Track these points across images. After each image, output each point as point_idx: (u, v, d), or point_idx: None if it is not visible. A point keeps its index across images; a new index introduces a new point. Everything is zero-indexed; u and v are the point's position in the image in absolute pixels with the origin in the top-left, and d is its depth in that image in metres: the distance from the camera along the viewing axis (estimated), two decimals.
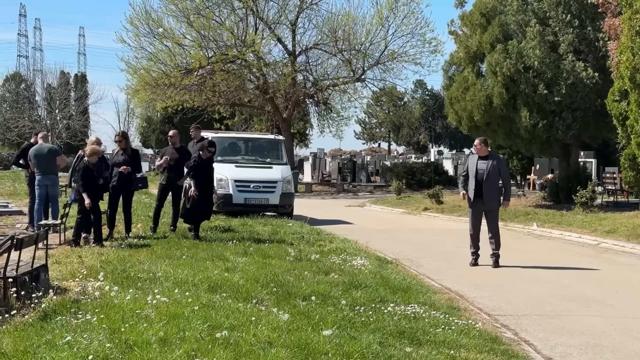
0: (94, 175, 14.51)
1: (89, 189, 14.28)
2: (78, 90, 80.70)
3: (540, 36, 25.69)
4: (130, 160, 15.72)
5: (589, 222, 22.07)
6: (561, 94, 25.34)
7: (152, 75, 39.72)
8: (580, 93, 25.45)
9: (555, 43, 26.07)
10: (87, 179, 14.32)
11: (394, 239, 19.43)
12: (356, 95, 45.83)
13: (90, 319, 7.75)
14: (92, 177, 14.45)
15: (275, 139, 25.31)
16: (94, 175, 14.53)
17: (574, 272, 14.40)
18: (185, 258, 12.45)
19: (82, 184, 14.30)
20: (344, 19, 41.78)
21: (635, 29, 20.23)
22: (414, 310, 9.20)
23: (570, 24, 25.71)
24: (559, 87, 25.38)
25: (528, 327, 9.49)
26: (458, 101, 29.01)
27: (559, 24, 25.96)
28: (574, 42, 25.77)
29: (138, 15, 39.46)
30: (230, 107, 45.26)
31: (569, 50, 25.70)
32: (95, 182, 14.51)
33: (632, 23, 20.34)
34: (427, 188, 35.68)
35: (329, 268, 12.15)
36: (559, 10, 25.92)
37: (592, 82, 25.10)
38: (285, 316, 8.23)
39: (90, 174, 14.41)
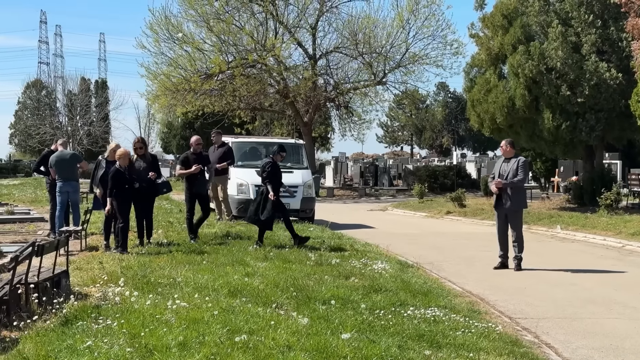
0: (125, 179, 14.49)
1: (117, 194, 14.29)
2: (99, 96, 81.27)
3: (563, 37, 25.62)
4: (152, 166, 15.77)
5: (614, 224, 22.00)
6: (584, 95, 25.26)
7: (172, 80, 39.97)
8: (603, 94, 25.36)
9: (578, 44, 26.00)
10: (117, 183, 14.31)
11: (416, 243, 19.47)
12: (377, 98, 45.90)
13: (110, 324, 7.86)
14: (124, 181, 14.45)
15: (296, 143, 25.40)
16: (126, 179, 14.51)
17: (597, 275, 14.39)
18: (205, 263, 12.55)
19: (110, 187, 14.32)
20: (364, 22, 41.88)
21: None
22: (433, 313, 9.25)
23: (592, 24, 25.63)
24: (582, 88, 25.30)
25: (549, 330, 9.52)
26: (480, 103, 28.98)
27: (581, 25, 25.89)
28: (597, 43, 25.69)
29: (158, 21, 39.80)
30: (250, 112, 45.43)
31: (592, 51, 25.62)
32: (127, 186, 14.52)
33: None
34: (450, 191, 35.68)
35: (350, 272, 12.20)
36: (582, 10, 25.85)
37: (615, 82, 25.01)
38: (305, 320, 8.31)
39: (121, 177, 14.40)
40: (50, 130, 68.09)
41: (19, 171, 66.74)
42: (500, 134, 29.12)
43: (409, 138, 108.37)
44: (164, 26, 39.88)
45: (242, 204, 21.69)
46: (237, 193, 21.88)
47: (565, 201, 29.71)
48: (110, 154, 15.69)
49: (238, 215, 21.87)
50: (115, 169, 14.51)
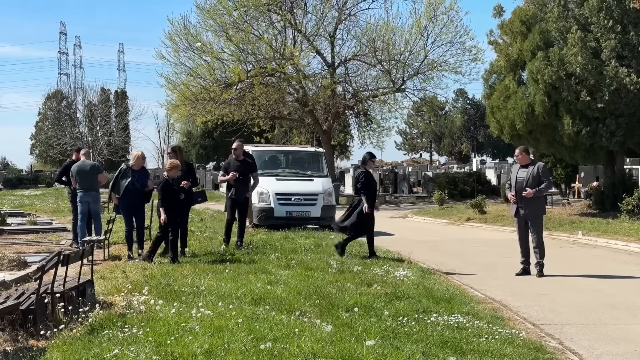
0: (174, 190, 14.55)
1: (167, 204, 14.32)
2: (118, 106, 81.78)
3: (582, 42, 25.56)
4: (187, 175, 15.70)
5: (636, 229, 21.91)
6: (604, 101, 25.18)
7: (191, 90, 40.21)
8: (624, 99, 25.26)
9: (598, 49, 25.92)
10: (167, 194, 14.37)
11: (437, 250, 19.47)
12: (396, 105, 45.94)
13: (136, 332, 7.92)
14: (172, 192, 14.49)
15: (316, 151, 25.48)
16: (175, 189, 14.57)
17: (620, 281, 14.34)
18: (228, 272, 12.62)
19: (161, 198, 14.37)
20: (382, 29, 41.94)
21: None
22: (457, 320, 9.26)
23: (612, 30, 25.55)
24: (602, 94, 25.22)
25: (573, 336, 9.50)
26: (499, 110, 28.94)
27: (600, 30, 25.82)
28: (617, 48, 25.61)
29: (177, 31, 40.06)
30: (269, 120, 45.56)
31: (612, 56, 25.55)
32: (176, 197, 14.55)
33: None
34: (470, 198, 35.62)
35: (372, 279, 12.24)
36: (601, 15, 25.78)
37: (636, 87, 24.90)
38: (329, 327, 8.35)
39: (170, 188, 14.45)
40: (71, 140, 68.55)
41: (40, 182, 67.17)
42: (520, 140, 29.04)
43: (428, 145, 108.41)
44: (183, 36, 40.14)
45: (263, 212, 21.80)
46: (258, 201, 21.96)
47: (587, 207, 29.59)
48: (136, 162, 15.68)
49: (259, 224, 21.98)
50: (165, 180, 14.58)
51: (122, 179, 15.32)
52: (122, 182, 15.26)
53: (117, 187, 15.31)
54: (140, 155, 15.98)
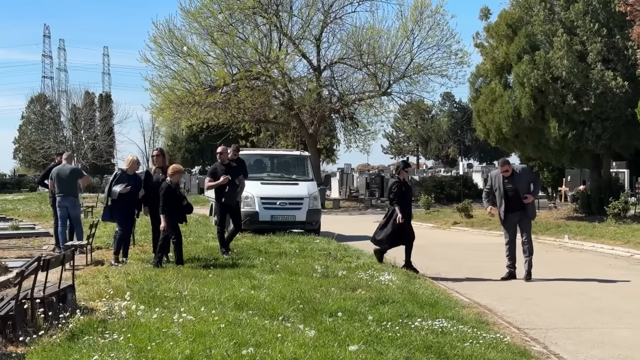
0: (176, 195, 14.45)
1: (170, 211, 14.20)
2: (103, 110, 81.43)
3: (568, 46, 25.67)
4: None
5: (622, 233, 21.98)
6: (590, 104, 25.28)
7: (176, 93, 40.14)
8: (610, 102, 25.36)
9: (584, 52, 26.02)
10: (169, 200, 14.24)
11: (423, 254, 19.40)
12: (382, 109, 46.06)
13: (117, 338, 7.87)
14: (175, 197, 14.39)
15: (301, 155, 25.45)
16: (177, 195, 14.49)
17: (605, 285, 14.38)
18: (211, 276, 12.56)
19: (162, 204, 14.22)
20: (368, 32, 42.00)
21: None
22: (441, 324, 9.24)
23: (598, 33, 25.65)
24: (588, 97, 25.32)
25: (558, 340, 9.51)
26: (485, 113, 29.02)
27: (586, 33, 25.91)
28: (603, 51, 25.72)
29: (161, 34, 39.99)
30: (255, 124, 45.60)
31: (598, 60, 25.65)
32: (179, 203, 14.45)
33: None
34: (457, 202, 35.66)
35: (356, 284, 12.21)
36: (587, 19, 25.88)
37: (621, 91, 25.00)
38: (312, 332, 8.32)
39: (172, 194, 14.33)
40: (55, 144, 68.21)
41: (23, 186, 66.88)
42: (507, 144, 29.23)
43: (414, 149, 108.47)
44: (168, 39, 40.08)
45: (247, 216, 21.72)
46: (243, 206, 21.85)
47: (573, 210, 29.68)
48: (131, 166, 15.46)
49: (244, 228, 21.92)
50: (167, 185, 14.39)
51: (117, 184, 15.12)
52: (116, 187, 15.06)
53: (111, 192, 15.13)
54: (135, 160, 15.80)
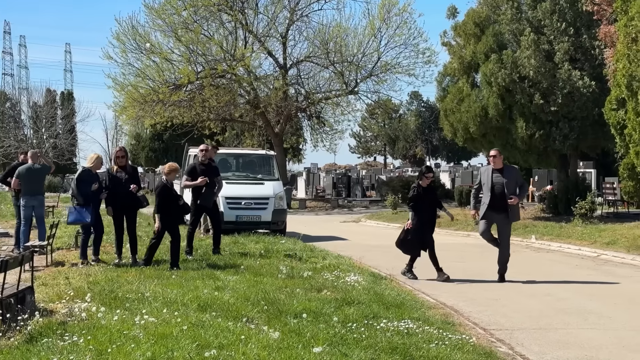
0: (172, 195, 14.31)
1: (164, 211, 14.08)
2: (65, 108, 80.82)
3: (535, 45, 25.86)
4: (133, 178, 15.41)
5: (589, 233, 22.19)
6: (558, 104, 25.48)
7: (139, 91, 39.92)
8: (577, 102, 25.57)
9: (551, 52, 26.23)
10: (166, 200, 14.12)
11: (390, 255, 19.42)
12: (349, 108, 46.09)
13: (77, 340, 7.81)
14: (171, 197, 14.25)
15: (267, 154, 25.41)
16: (173, 195, 14.34)
17: (572, 285, 14.50)
18: (175, 278, 12.53)
19: (158, 204, 14.10)
20: (335, 30, 42.04)
21: (631, 36, 20.34)
22: (407, 325, 9.27)
23: (565, 32, 25.87)
24: (555, 97, 25.52)
25: (524, 341, 9.57)
26: (453, 113, 29.17)
27: (554, 33, 26.12)
28: (570, 51, 25.93)
29: (124, 31, 39.74)
30: (220, 123, 45.41)
31: (565, 59, 25.86)
32: (175, 203, 14.31)
33: (627, 30, 20.45)
34: None
35: (322, 285, 12.22)
36: (554, 18, 26.09)
37: (588, 90, 25.22)
38: (276, 334, 8.31)
39: (168, 193, 14.19)
40: (15, 143, 67.60)
41: None
42: (474, 144, 29.38)
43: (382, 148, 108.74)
44: (131, 36, 39.84)
45: None
46: None
47: (540, 211, 29.87)
48: (95, 164, 15.19)
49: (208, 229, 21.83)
50: (163, 184, 14.28)
51: (84, 182, 14.82)
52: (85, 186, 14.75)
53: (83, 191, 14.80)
54: (99, 157, 15.49)
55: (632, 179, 22.22)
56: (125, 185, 15.17)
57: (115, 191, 15.09)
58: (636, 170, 21.70)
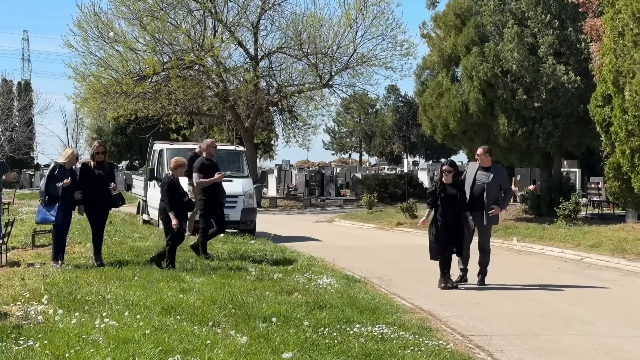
0: (179, 191, 14.20)
1: (176, 208, 13.95)
2: (22, 99, 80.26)
3: (519, 38, 26.00)
4: (110, 176, 15.17)
5: (572, 236, 22.34)
6: (541, 100, 25.60)
7: (102, 82, 39.65)
8: (561, 98, 25.72)
9: (535, 45, 26.38)
10: (173, 196, 14.00)
11: (364, 257, 19.57)
12: (323, 102, 46.05)
13: (32, 345, 7.78)
14: (178, 193, 14.14)
15: (236, 150, 25.36)
16: (180, 191, 14.23)
17: (554, 289, 14.60)
18: (137, 279, 12.49)
19: (168, 202, 13.95)
20: (309, 20, 41.97)
21: (617, 30, 20.48)
22: (381, 331, 9.31)
23: (550, 25, 26.03)
24: (538, 92, 25.65)
25: (503, 348, 9.64)
26: (432, 108, 29.25)
27: (538, 25, 26.28)
28: (554, 44, 26.09)
29: (86, 18, 39.46)
30: (187, 116, 45.23)
31: (549, 53, 26.02)
32: (181, 200, 14.18)
33: (614, 24, 20.58)
34: (401, 201, 35.87)
35: (293, 288, 12.23)
36: (538, 10, 26.24)
37: (573, 86, 25.39)
38: (244, 339, 8.32)
39: (176, 190, 14.08)
40: None
41: None
42: (453, 140, 29.49)
43: (357, 145, 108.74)
44: (93, 24, 39.56)
45: None
46: None
47: (522, 211, 30.03)
48: (69, 160, 14.79)
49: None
50: (170, 179, 14.15)
51: (56, 179, 14.45)
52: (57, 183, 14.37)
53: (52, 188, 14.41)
54: (74, 153, 15.15)
55: (618, 179, 22.34)
56: (103, 182, 14.95)
57: (91, 189, 14.82)
58: (622, 170, 21.84)
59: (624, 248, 19.56)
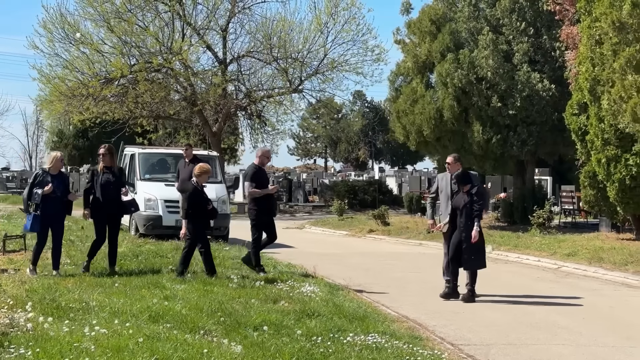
0: (203, 198, 14.09)
1: (195, 216, 13.87)
2: None
3: (494, 45, 26.19)
4: (120, 181, 15.10)
5: (548, 244, 22.48)
6: (516, 107, 25.82)
7: (67, 84, 39.31)
8: (536, 106, 25.95)
9: (509, 52, 26.61)
10: (196, 204, 13.90)
11: (341, 264, 19.59)
12: (293, 107, 45.94)
13: (24, 353, 7.72)
14: (202, 200, 14.03)
15: (209, 155, 25.28)
16: (204, 198, 14.11)
17: (536, 298, 14.71)
18: (117, 286, 12.45)
19: (187, 208, 13.88)
20: (279, 24, 41.87)
21: (594, 38, 20.64)
22: (375, 340, 9.34)
23: (525, 32, 26.28)
24: (513, 100, 25.87)
25: (495, 357, 9.71)
26: (406, 114, 29.36)
27: (513, 32, 26.52)
28: (529, 52, 26.34)
29: (52, 19, 39.04)
30: (154, 120, 44.96)
31: (524, 60, 26.26)
32: (204, 207, 14.08)
33: (591, 32, 20.74)
34: (371, 208, 35.97)
35: (277, 295, 12.23)
36: (513, 17, 26.49)
37: (548, 94, 25.63)
38: (238, 348, 8.32)
39: (199, 197, 13.98)
40: None
41: None
42: (427, 148, 29.63)
43: (322, 150, 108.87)
44: (59, 25, 39.16)
45: (150, 220, 21.55)
46: (145, 209, 21.60)
47: (494, 219, 30.15)
48: (54, 164, 14.48)
49: (146, 233, 21.67)
50: (194, 186, 14.06)
51: (38, 185, 14.16)
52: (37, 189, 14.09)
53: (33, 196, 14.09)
54: (58, 157, 14.74)
55: (593, 187, 22.59)
56: (114, 188, 14.86)
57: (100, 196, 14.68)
58: (597, 179, 22.08)
59: (601, 257, 19.71)
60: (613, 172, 20.87)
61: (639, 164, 20.27)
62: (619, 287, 16.79)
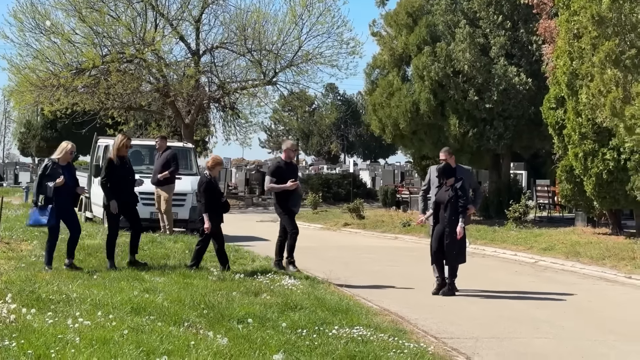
0: (217, 191, 13.99)
1: (212, 210, 13.74)
2: None
3: (471, 38, 26.32)
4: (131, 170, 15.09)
5: (524, 238, 22.63)
6: (493, 101, 25.97)
7: (38, 75, 39.04)
8: (512, 100, 26.13)
9: (486, 46, 26.75)
10: (211, 197, 13.77)
11: (318, 257, 19.60)
12: (267, 99, 45.88)
13: (9, 344, 7.68)
14: (216, 193, 13.92)
15: (185, 146, 25.24)
16: (218, 191, 14.00)
17: (516, 292, 14.83)
18: (96, 278, 12.42)
19: (205, 202, 13.75)
20: (253, 16, 41.78)
21: (572, 32, 20.74)
22: (360, 333, 9.38)
23: (502, 26, 26.42)
24: (490, 93, 26.02)
25: (480, 350, 9.78)
26: (382, 107, 29.43)
27: (490, 26, 26.66)
28: (506, 45, 26.50)
29: (23, 8, 38.74)
30: (125, 111, 44.74)
31: (501, 54, 26.41)
32: (218, 200, 13.97)
33: (569, 26, 20.84)
34: (345, 201, 36.06)
35: (258, 288, 12.23)
36: (490, 10, 26.62)
37: (525, 88, 25.80)
38: (224, 340, 8.32)
39: (214, 190, 13.86)
40: None
41: None
42: (403, 141, 29.73)
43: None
44: (30, 14, 38.86)
45: None
46: None
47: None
48: (63, 156, 14.07)
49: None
50: (207, 179, 13.92)
51: (49, 177, 13.73)
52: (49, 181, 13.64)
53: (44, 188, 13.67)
54: (68, 148, 14.22)
55: (570, 182, 22.77)
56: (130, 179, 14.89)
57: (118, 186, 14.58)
58: (574, 173, 22.26)
59: (578, 251, 19.87)
60: (590, 166, 21.06)
61: (616, 158, 20.48)
62: (597, 281, 16.96)
